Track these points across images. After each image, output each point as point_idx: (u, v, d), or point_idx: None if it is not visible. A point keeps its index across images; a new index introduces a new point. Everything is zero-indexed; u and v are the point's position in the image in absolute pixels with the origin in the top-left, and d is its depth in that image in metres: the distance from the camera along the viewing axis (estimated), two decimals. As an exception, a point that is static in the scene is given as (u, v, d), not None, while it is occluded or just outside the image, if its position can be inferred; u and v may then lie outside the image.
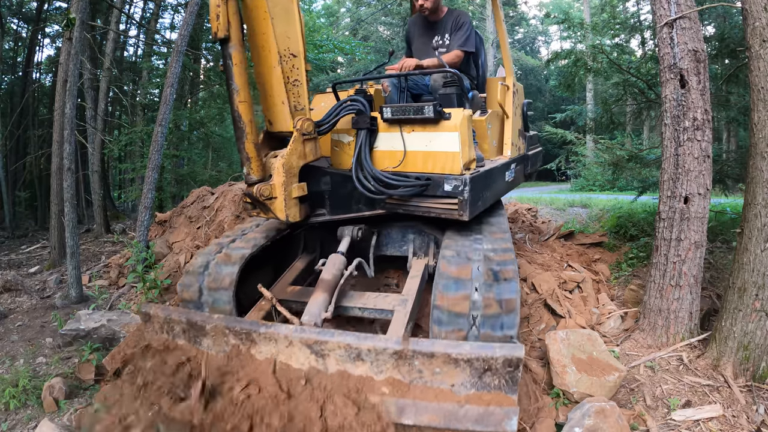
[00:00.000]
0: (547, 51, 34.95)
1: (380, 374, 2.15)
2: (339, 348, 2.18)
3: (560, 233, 5.41)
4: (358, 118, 2.91)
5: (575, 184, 18.13)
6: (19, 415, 3.12)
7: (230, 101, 2.55)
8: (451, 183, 2.70)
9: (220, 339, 2.44)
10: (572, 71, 5.59)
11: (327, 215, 3.07)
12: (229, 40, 2.43)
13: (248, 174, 2.64)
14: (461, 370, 2.05)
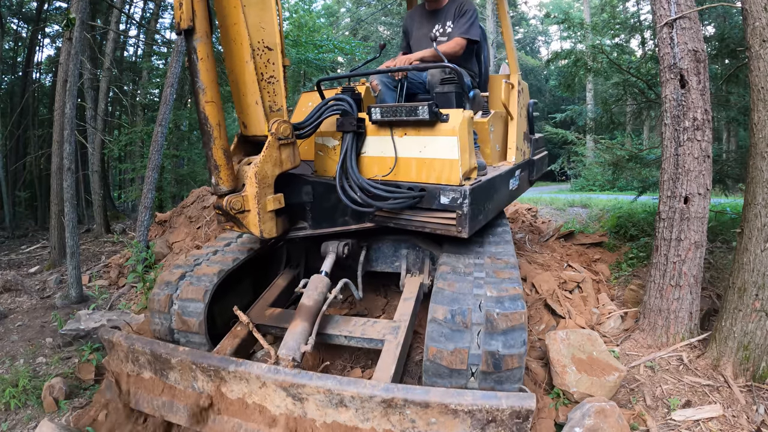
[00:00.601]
0: (547, 51, 34.95)
1: (366, 422, 1.87)
2: (318, 393, 1.89)
3: (560, 233, 5.41)
4: (344, 119, 2.54)
5: (575, 184, 18.13)
6: (19, 415, 3.12)
7: (196, 101, 2.23)
8: (449, 195, 2.36)
9: (188, 374, 2.19)
10: (572, 71, 5.59)
11: (308, 229, 2.73)
12: (193, 32, 2.12)
13: (217, 184, 2.31)
14: (461, 421, 1.77)
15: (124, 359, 2.41)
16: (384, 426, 1.85)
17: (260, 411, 2.03)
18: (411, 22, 3.54)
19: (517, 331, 2.08)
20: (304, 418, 1.95)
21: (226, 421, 2.09)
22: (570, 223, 6.40)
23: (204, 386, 2.14)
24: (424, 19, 3.42)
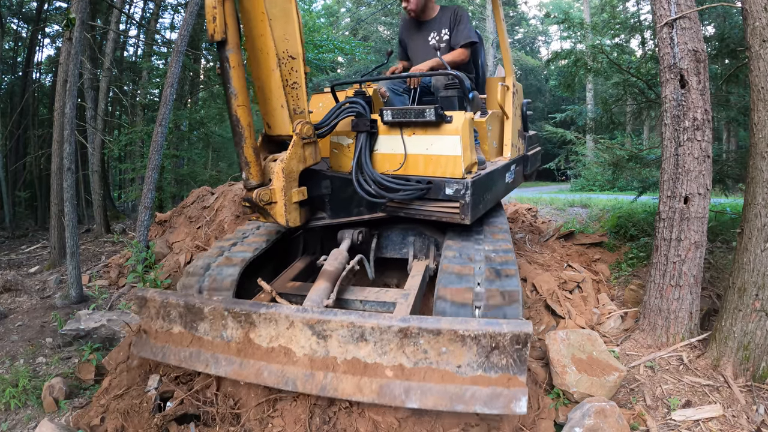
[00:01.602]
0: (547, 51, 34.95)
1: (383, 356, 2.08)
2: (342, 327, 2.11)
3: (560, 233, 5.41)
4: (358, 120, 2.83)
5: (575, 184, 18.13)
6: (19, 415, 3.12)
7: (228, 105, 2.48)
8: (453, 187, 2.66)
9: (218, 323, 2.38)
10: (572, 71, 5.59)
11: (327, 219, 3.03)
12: (226, 43, 2.35)
13: (247, 179, 2.59)
14: (468, 348, 1.98)
15: (154, 316, 2.60)
16: (399, 359, 2.05)
17: (285, 353, 2.21)
18: (406, 32, 3.78)
19: (512, 277, 2.43)
20: (327, 357, 2.14)
21: (252, 365, 2.25)
22: (570, 223, 6.40)
23: (233, 334, 2.34)
24: (418, 29, 3.64)
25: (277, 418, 2.55)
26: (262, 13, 2.45)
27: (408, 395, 2.01)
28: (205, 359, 2.40)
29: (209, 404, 2.65)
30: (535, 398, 2.66)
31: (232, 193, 5.82)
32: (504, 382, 1.97)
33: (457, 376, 2.00)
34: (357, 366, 2.10)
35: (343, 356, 2.13)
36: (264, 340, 2.27)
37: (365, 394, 2.06)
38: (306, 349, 2.18)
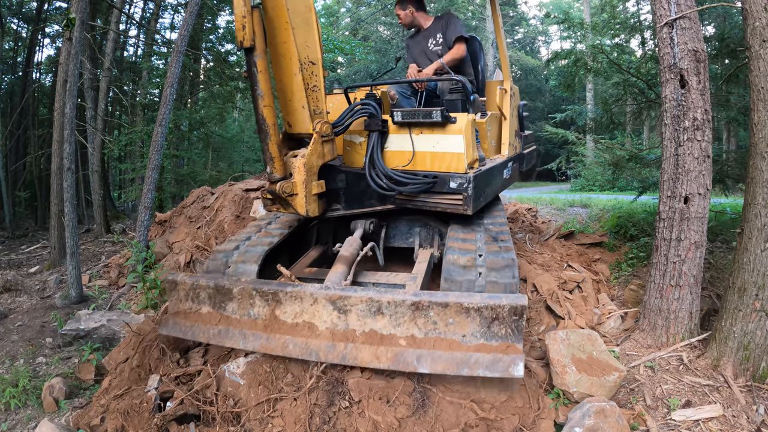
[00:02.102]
0: (547, 51, 34.93)
1: (398, 327, 2.34)
2: (361, 302, 2.36)
3: (560, 233, 5.41)
4: (371, 120, 3.08)
5: (575, 184, 18.12)
6: (19, 415, 3.12)
7: (255, 106, 2.69)
8: (457, 181, 2.92)
9: (246, 302, 2.60)
10: (572, 71, 5.59)
11: (342, 210, 3.25)
12: (254, 50, 2.55)
13: (271, 172, 2.80)
14: (472, 319, 2.25)
15: (183, 298, 2.83)
16: (412, 330, 2.32)
17: (309, 327, 2.46)
18: (410, 41, 4.22)
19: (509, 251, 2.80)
20: (347, 330, 2.40)
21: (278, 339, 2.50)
22: (570, 223, 6.40)
23: (259, 312, 2.58)
24: (419, 38, 4.08)
25: (277, 418, 2.55)
26: (286, 23, 2.65)
27: (419, 362, 2.27)
28: (233, 336, 2.60)
29: (209, 404, 2.65)
30: (535, 398, 2.66)
31: (232, 193, 5.82)
32: (503, 349, 2.23)
33: (462, 344, 2.27)
34: (374, 337, 2.36)
35: (361, 329, 2.39)
36: (289, 316, 2.51)
37: (381, 361, 2.32)
38: (328, 323, 2.43)
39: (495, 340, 2.24)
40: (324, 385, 2.64)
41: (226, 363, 2.94)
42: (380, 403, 2.50)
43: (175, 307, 2.86)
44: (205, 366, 2.97)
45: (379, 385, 2.58)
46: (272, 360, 2.88)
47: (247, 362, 2.86)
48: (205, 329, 2.70)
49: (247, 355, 2.98)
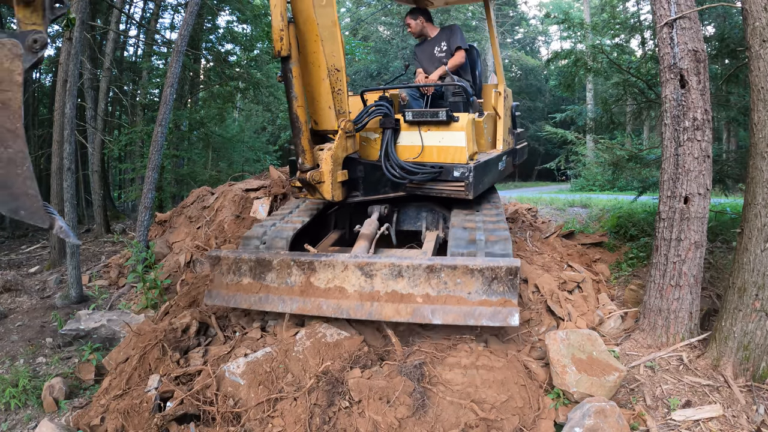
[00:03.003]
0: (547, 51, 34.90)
1: (415, 288, 2.79)
2: (385, 267, 2.84)
3: (561, 233, 5.41)
4: (385, 119, 3.55)
5: (575, 184, 18.11)
6: (19, 415, 3.12)
7: (289, 106, 3.11)
8: (459, 170, 3.39)
9: (284, 271, 3.05)
10: (572, 71, 5.59)
11: (360, 196, 3.69)
12: (289, 58, 2.97)
13: (302, 163, 3.22)
14: (476, 279, 2.71)
15: (226, 271, 3.26)
16: (426, 289, 2.79)
17: (340, 291, 2.91)
18: (418, 48, 4.71)
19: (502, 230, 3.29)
20: (372, 291, 2.86)
21: (313, 302, 2.92)
22: (570, 223, 6.40)
23: (296, 280, 3.02)
24: (426, 45, 4.59)
25: (277, 418, 2.55)
26: (316, 35, 3.08)
27: (433, 315, 2.72)
28: (273, 301, 3.05)
29: (209, 404, 2.65)
30: (535, 398, 2.66)
31: (232, 193, 5.82)
32: (502, 303, 2.67)
33: (468, 300, 2.72)
34: (395, 296, 2.83)
35: (384, 290, 2.86)
36: (322, 282, 2.96)
37: (402, 315, 2.79)
38: (356, 286, 2.90)
39: (495, 296, 2.69)
40: (324, 385, 2.64)
41: (226, 363, 2.94)
42: (380, 403, 2.50)
43: (218, 279, 3.29)
44: (205, 366, 2.97)
45: (379, 385, 2.58)
46: (272, 360, 2.88)
47: (247, 362, 2.86)
48: (247, 297, 3.13)
49: (246, 355, 2.98)
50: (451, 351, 3.04)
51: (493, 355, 2.91)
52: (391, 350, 3.04)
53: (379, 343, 3.15)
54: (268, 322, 3.57)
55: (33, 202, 1.21)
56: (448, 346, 3.13)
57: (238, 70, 11.41)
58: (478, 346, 3.07)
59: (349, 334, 3.04)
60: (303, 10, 3.04)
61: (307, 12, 3.03)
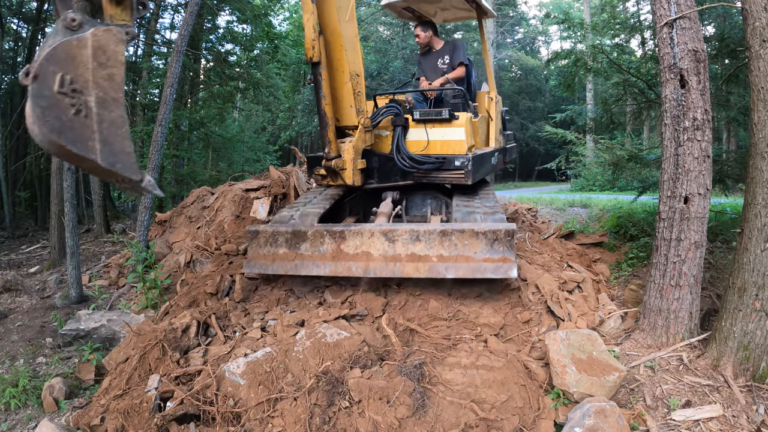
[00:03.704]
0: (547, 51, 34.88)
1: (430, 249, 3.31)
2: (405, 233, 3.35)
3: (560, 233, 5.41)
4: (396, 118, 4.11)
5: (575, 184, 18.11)
6: (19, 415, 3.12)
7: (318, 104, 3.60)
8: (460, 160, 3.93)
9: (317, 241, 3.53)
10: (572, 71, 5.59)
11: (375, 183, 4.20)
12: (319, 64, 3.45)
13: (328, 152, 3.69)
14: (480, 240, 3.23)
15: (263, 244, 3.71)
16: (440, 251, 3.30)
17: (366, 255, 3.41)
18: (422, 59, 5.18)
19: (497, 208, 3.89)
20: (394, 254, 3.36)
21: (344, 264, 3.43)
22: (570, 223, 6.40)
23: (327, 248, 3.50)
24: (430, 58, 5.05)
25: (277, 418, 2.55)
26: (341, 45, 3.57)
27: (447, 271, 3.25)
28: (307, 266, 3.52)
29: (209, 404, 2.65)
30: (535, 398, 2.66)
31: (232, 193, 5.82)
32: (502, 260, 3.19)
33: (474, 258, 3.24)
34: (414, 257, 3.33)
35: (405, 252, 3.35)
36: (351, 248, 3.45)
37: (421, 272, 3.30)
38: (380, 250, 3.39)
39: (496, 254, 3.21)
40: (324, 385, 2.64)
41: (226, 363, 2.94)
42: (380, 403, 2.50)
43: (255, 252, 3.73)
44: (205, 366, 2.97)
45: (379, 385, 2.58)
46: (272, 360, 2.89)
47: (247, 362, 2.86)
48: (283, 264, 3.60)
49: (246, 355, 2.98)
50: (451, 351, 3.04)
51: (493, 355, 2.91)
52: (391, 350, 3.04)
53: (379, 343, 3.15)
54: (268, 322, 3.57)
55: (128, 158, 1.47)
56: (448, 346, 3.13)
57: (238, 70, 11.42)
58: (478, 346, 3.07)
59: (349, 334, 3.04)
60: (330, 25, 3.55)
61: (334, 26, 3.54)
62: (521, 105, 28.29)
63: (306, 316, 3.46)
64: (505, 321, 3.53)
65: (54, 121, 1.34)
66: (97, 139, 1.44)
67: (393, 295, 3.76)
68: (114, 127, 1.48)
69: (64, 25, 1.51)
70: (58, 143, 1.36)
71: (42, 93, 1.35)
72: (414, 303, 3.68)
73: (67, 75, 1.41)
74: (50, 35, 1.49)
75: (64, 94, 1.38)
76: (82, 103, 1.42)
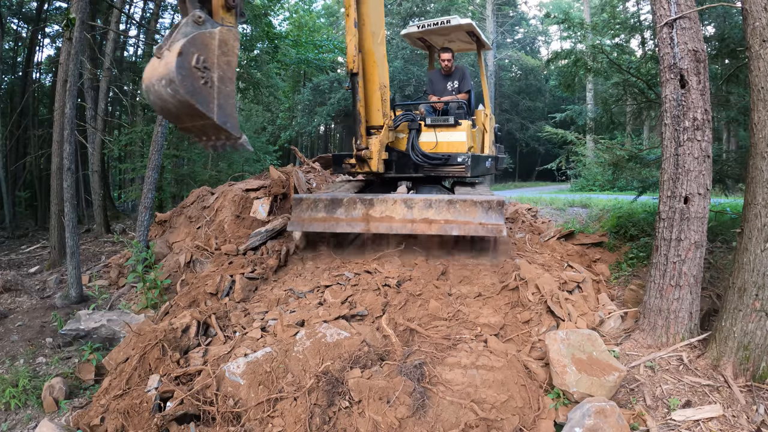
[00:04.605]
0: (547, 51, 34.89)
1: (439, 215, 4.21)
2: (420, 201, 4.29)
3: (561, 233, 5.41)
4: (412, 123, 4.99)
5: (575, 184, 18.10)
6: (19, 415, 3.12)
7: (354, 106, 4.48)
8: (461, 157, 4.80)
9: (351, 207, 4.44)
10: (572, 71, 5.58)
11: (393, 173, 5.06)
12: (357, 74, 4.38)
13: (359, 144, 4.50)
14: (477, 208, 4.15)
15: (305, 210, 4.58)
16: (447, 216, 4.18)
17: (389, 218, 4.32)
18: (435, 78, 6.13)
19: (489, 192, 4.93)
20: (411, 218, 4.26)
21: (372, 224, 4.35)
22: (570, 223, 6.40)
23: (358, 213, 4.42)
24: (442, 78, 6.02)
25: (277, 418, 2.55)
26: (374, 61, 4.48)
27: (452, 229, 4.15)
28: (342, 226, 4.45)
29: (209, 404, 2.65)
30: (535, 398, 2.66)
31: (232, 193, 5.81)
32: (494, 223, 4.08)
33: (473, 221, 4.14)
34: (427, 220, 4.23)
35: (419, 216, 4.26)
36: (377, 213, 4.37)
37: (432, 230, 4.19)
38: (400, 215, 4.30)
39: (490, 219, 4.10)
40: (324, 385, 2.64)
41: (226, 363, 2.94)
42: (380, 403, 2.50)
43: (297, 215, 4.59)
44: (205, 366, 2.97)
45: (379, 385, 2.58)
46: (272, 360, 2.88)
47: (247, 362, 2.86)
48: (322, 224, 4.50)
49: (246, 355, 2.98)
50: (451, 351, 3.04)
51: (493, 355, 2.91)
52: (391, 350, 3.04)
53: (379, 343, 3.15)
54: (268, 322, 3.57)
55: (235, 120, 2.11)
56: (448, 346, 3.13)
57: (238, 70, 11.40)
58: (478, 346, 3.07)
59: (349, 334, 3.04)
60: (366, 45, 4.46)
61: (369, 47, 4.46)
62: (521, 105, 28.28)
63: (306, 316, 3.46)
64: (505, 321, 3.53)
65: (189, 86, 1.94)
66: (215, 104, 2.05)
67: (393, 295, 3.76)
68: (227, 97, 2.10)
69: (193, 20, 2.10)
70: (189, 102, 1.96)
71: (183, 65, 1.93)
72: (414, 303, 3.68)
73: (201, 56, 2.01)
74: (182, 25, 2.08)
75: (197, 69, 1.98)
76: (209, 77, 2.02)
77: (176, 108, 2.02)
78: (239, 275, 4.24)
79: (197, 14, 2.12)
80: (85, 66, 8.50)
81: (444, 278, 4.15)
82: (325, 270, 4.44)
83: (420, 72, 20.95)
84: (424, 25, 5.87)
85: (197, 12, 2.13)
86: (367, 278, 4.06)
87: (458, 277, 4.15)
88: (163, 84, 1.97)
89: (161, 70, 2.01)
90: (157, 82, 2.01)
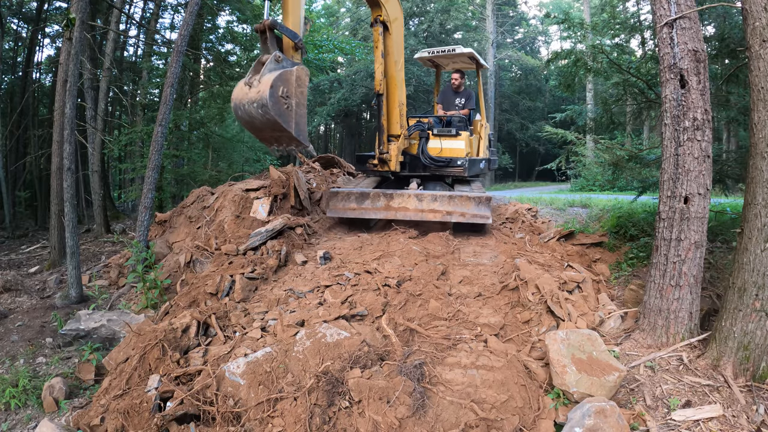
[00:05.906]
0: (547, 51, 34.88)
1: (443, 206, 5.37)
2: (428, 195, 5.46)
3: (561, 234, 5.41)
4: (422, 132, 6.21)
5: (575, 184, 18.10)
6: (19, 415, 3.12)
7: (378, 119, 5.81)
8: (460, 160, 6.03)
9: (376, 199, 5.57)
10: (572, 71, 5.57)
11: (407, 172, 6.22)
12: (383, 95, 5.62)
13: (382, 149, 5.77)
14: (472, 202, 5.31)
15: (340, 200, 5.69)
16: (448, 207, 5.37)
17: (404, 208, 5.46)
18: (444, 94, 7.52)
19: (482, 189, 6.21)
20: (422, 208, 5.44)
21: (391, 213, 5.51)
22: (570, 223, 6.40)
23: (381, 204, 5.56)
24: (451, 96, 7.36)
25: (277, 418, 2.55)
26: (395, 84, 5.75)
27: (452, 218, 5.32)
28: (368, 213, 5.61)
29: (209, 404, 2.65)
30: (535, 398, 2.66)
31: (232, 193, 5.81)
32: (483, 213, 5.28)
33: (468, 211, 5.30)
34: (433, 210, 5.39)
35: (428, 207, 5.42)
36: (395, 203, 5.51)
37: (437, 217, 5.37)
38: (413, 206, 5.45)
39: (480, 210, 5.27)
40: (324, 385, 2.64)
41: (226, 363, 2.94)
42: (380, 403, 2.50)
43: (334, 204, 5.71)
44: (205, 366, 2.97)
45: (379, 385, 2.58)
46: (272, 360, 2.88)
47: (247, 362, 2.86)
48: (352, 212, 5.66)
49: (246, 355, 2.98)
50: (451, 351, 3.04)
51: (493, 355, 2.91)
52: (391, 350, 3.04)
53: (379, 343, 3.15)
54: (268, 322, 3.57)
55: (305, 134, 3.08)
56: (448, 346, 3.13)
57: (238, 70, 11.40)
58: (478, 346, 3.07)
59: (349, 334, 3.04)
60: (389, 71, 5.70)
61: (391, 72, 5.73)
62: (521, 105, 28.28)
63: (306, 316, 3.46)
64: (505, 321, 3.53)
65: (277, 110, 2.92)
66: (293, 121, 3.03)
67: (393, 295, 3.76)
68: (301, 117, 3.09)
69: (275, 59, 3.04)
70: (276, 120, 2.91)
71: (274, 95, 2.89)
72: (414, 303, 3.68)
73: (284, 88, 2.93)
74: (269, 63, 3.04)
75: (282, 97, 2.91)
76: (289, 103, 2.94)
77: (262, 124, 2.94)
78: (239, 275, 4.25)
79: (278, 54, 3.00)
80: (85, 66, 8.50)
81: (444, 278, 4.15)
82: (326, 270, 4.44)
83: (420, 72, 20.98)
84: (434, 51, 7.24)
85: (277, 53, 3.02)
86: (367, 278, 4.06)
87: (458, 277, 4.15)
88: (255, 106, 2.88)
89: (253, 95, 2.89)
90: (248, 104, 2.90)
